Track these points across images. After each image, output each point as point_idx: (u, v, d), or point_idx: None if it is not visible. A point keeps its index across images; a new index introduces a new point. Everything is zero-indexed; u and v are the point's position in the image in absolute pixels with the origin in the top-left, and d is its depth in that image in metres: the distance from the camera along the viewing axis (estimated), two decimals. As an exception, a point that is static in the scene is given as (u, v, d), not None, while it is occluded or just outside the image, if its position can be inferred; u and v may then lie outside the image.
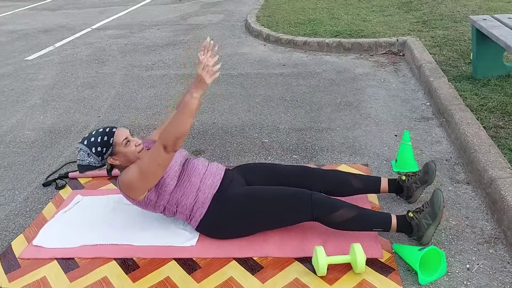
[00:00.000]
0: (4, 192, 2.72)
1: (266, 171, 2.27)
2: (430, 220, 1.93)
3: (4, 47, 6.45)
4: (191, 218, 2.10)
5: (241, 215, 2.04)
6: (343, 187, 2.23)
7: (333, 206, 1.98)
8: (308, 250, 2.00)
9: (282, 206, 2.01)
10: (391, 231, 1.99)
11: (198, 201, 2.07)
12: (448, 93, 3.28)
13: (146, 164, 1.95)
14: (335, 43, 5.04)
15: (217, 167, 2.20)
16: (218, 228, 2.09)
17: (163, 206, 2.10)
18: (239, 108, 3.75)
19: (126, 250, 2.09)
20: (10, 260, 2.10)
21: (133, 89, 4.37)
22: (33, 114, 3.92)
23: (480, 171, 2.34)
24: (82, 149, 2.08)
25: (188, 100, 1.88)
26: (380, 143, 2.98)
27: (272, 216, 2.03)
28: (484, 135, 2.63)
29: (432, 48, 4.42)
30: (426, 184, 2.23)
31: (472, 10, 5.65)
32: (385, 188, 2.27)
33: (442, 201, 1.93)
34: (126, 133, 2.10)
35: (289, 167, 2.29)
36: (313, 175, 2.24)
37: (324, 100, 3.78)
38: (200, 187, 2.08)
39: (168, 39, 6.23)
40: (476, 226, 2.11)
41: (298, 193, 2.03)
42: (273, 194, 2.04)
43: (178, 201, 2.08)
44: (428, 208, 1.96)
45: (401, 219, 1.99)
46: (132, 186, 2.00)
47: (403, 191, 2.27)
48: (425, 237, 1.95)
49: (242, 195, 2.07)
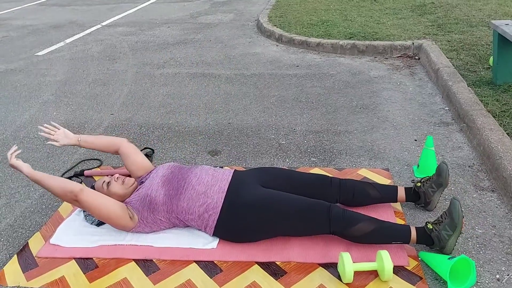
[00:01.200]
0: (19, 189, 2.68)
1: (283, 177, 2.23)
2: (450, 231, 1.89)
3: (15, 42, 6.42)
4: (205, 225, 2.07)
5: (257, 221, 2.00)
6: (359, 196, 2.20)
7: (351, 220, 1.94)
8: (332, 256, 1.96)
9: (298, 217, 1.97)
10: (410, 243, 1.95)
11: (208, 207, 2.05)
12: (468, 98, 3.23)
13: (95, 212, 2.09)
14: (349, 45, 4.99)
15: (223, 173, 2.18)
16: (234, 233, 2.05)
17: (165, 218, 2.09)
18: (253, 108, 3.71)
19: (146, 251, 2.05)
20: (28, 258, 2.06)
21: (145, 87, 4.33)
22: (46, 110, 3.89)
23: (506, 179, 2.29)
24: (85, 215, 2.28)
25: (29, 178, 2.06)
26: (399, 147, 2.94)
27: (288, 226, 2.00)
28: (508, 142, 2.58)
29: (448, 52, 4.37)
30: (442, 187, 2.19)
31: (488, 15, 5.60)
32: (402, 197, 2.23)
33: (461, 211, 1.89)
34: (104, 178, 2.26)
35: (307, 175, 2.25)
36: (330, 185, 2.21)
37: (340, 102, 3.74)
38: (207, 193, 2.07)
39: (179, 37, 6.20)
40: (504, 235, 2.06)
41: (315, 205, 1.99)
42: (289, 203, 2.00)
43: (185, 209, 2.06)
44: (447, 219, 1.92)
45: (420, 231, 1.95)
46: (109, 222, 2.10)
47: (420, 198, 2.23)
48: (448, 248, 1.90)
49: (256, 200, 2.02)
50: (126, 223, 2.08)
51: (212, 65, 4.90)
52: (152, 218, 2.10)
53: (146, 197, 2.09)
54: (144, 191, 2.11)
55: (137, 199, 2.11)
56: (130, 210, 2.10)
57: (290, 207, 1.99)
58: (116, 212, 2.05)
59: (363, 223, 1.93)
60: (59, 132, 2.40)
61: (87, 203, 2.01)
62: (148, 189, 2.11)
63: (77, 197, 2.00)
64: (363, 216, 1.97)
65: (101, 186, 2.22)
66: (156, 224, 2.12)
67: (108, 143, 2.45)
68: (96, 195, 2.03)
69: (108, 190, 2.20)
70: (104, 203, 2.03)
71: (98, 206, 2.02)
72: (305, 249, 2.01)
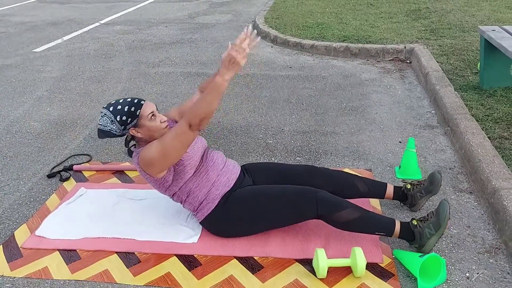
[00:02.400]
0: (9, 182, 2.73)
1: (271, 170, 2.27)
2: (433, 230, 1.93)
3: (13, 38, 6.48)
4: (199, 210, 2.09)
5: (247, 215, 2.04)
6: (348, 189, 2.22)
7: (338, 205, 1.98)
8: (309, 252, 2.01)
9: (287, 203, 2.01)
10: (393, 236, 1.99)
11: (209, 196, 2.07)
12: (454, 102, 3.28)
13: (169, 141, 1.93)
14: (342, 47, 5.05)
15: (233, 165, 2.20)
16: (223, 226, 2.09)
17: (174, 191, 2.09)
18: (244, 108, 3.76)
19: (128, 244, 2.10)
20: (13, 249, 2.11)
21: (139, 85, 4.39)
22: (39, 105, 3.95)
23: (483, 181, 2.35)
24: (106, 115, 2.03)
25: (218, 81, 1.86)
26: (384, 149, 2.99)
27: (277, 214, 2.03)
28: (488, 145, 2.63)
29: (439, 57, 4.42)
30: (430, 194, 2.23)
31: (481, 21, 5.65)
32: (390, 195, 2.27)
33: (448, 213, 1.93)
34: (153, 107, 2.06)
35: (295, 166, 2.29)
36: (319, 175, 2.23)
37: (330, 104, 3.79)
38: (215, 183, 2.08)
39: (175, 37, 6.26)
40: (478, 236, 2.11)
41: (303, 191, 2.03)
42: (278, 192, 2.05)
43: (191, 191, 2.07)
44: (433, 218, 1.96)
45: (404, 226, 1.99)
46: (152, 162, 1.96)
47: (407, 199, 2.27)
48: (427, 247, 1.95)
49: (248, 195, 2.07)
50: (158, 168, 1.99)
51: (206, 65, 4.95)
52: (169, 185, 2.06)
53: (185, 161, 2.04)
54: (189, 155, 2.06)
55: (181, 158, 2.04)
56: None
57: (279, 194, 2.03)
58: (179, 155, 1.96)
59: (349, 209, 1.97)
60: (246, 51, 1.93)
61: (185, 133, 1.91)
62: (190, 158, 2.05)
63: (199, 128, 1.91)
64: (350, 203, 2.00)
65: (146, 114, 2.02)
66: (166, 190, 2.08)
67: None
68: None
69: (149, 122, 2.02)
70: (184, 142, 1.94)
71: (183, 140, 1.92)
72: (283, 245, 2.07)
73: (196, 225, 2.21)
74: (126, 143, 2.15)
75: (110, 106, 2.05)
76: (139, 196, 2.49)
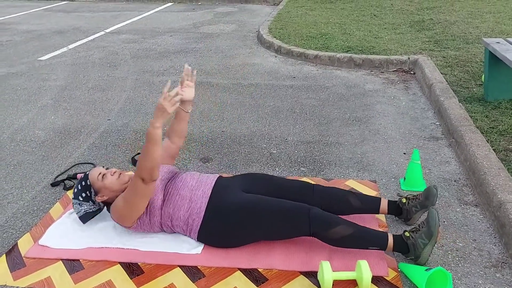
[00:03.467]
0: (12, 190, 2.73)
1: (265, 182, 2.27)
2: (426, 239, 1.92)
3: (19, 46, 6.53)
4: (190, 230, 2.11)
5: (238, 225, 2.04)
6: (341, 205, 2.22)
7: (330, 222, 1.98)
8: (313, 264, 1.99)
9: (279, 218, 2.01)
10: (387, 250, 1.98)
11: (192, 212, 2.09)
12: (458, 114, 3.28)
13: (129, 198, 2.04)
14: (346, 58, 5.06)
15: (207, 177, 2.22)
16: (217, 237, 2.08)
17: (158, 222, 2.13)
18: (248, 117, 3.77)
19: (131, 255, 2.09)
20: (16, 258, 2.10)
21: (143, 94, 4.40)
22: (44, 114, 3.96)
23: (489, 194, 2.33)
24: (74, 203, 2.24)
25: (150, 131, 1.95)
26: (388, 160, 2.98)
27: (268, 228, 2.03)
28: (494, 158, 2.62)
29: (443, 68, 4.43)
30: (426, 209, 2.21)
31: (485, 32, 5.67)
32: (384, 209, 2.26)
33: (438, 220, 1.93)
34: (100, 169, 2.21)
35: (289, 181, 2.29)
36: (312, 191, 2.24)
37: (333, 114, 3.79)
38: (191, 198, 2.11)
39: (180, 46, 6.29)
40: (484, 249, 2.09)
41: (296, 207, 2.03)
42: (271, 205, 2.04)
43: (171, 215, 2.11)
44: (424, 228, 1.96)
45: (397, 238, 1.98)
46: (122, 216, 2.10)
47: (402, 213, 2.26)
48: (422, 257, 1.93)
49: (238, 204, 2.06)
50: (133, 219, 2.09)
51: (210, 74, 4.97)
52: (148, 221, 2.13)
53: None
54: None
55: None
56: None
57: (271, 209, 2.03)
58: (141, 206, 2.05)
59: (341, 226, 1.96)
60: (190, 85, 2.28)
61: (140, 187, 1.98)
62: None
63: (150, 180, 1.97)
64: (342, 220, 2.00)
65: (96, 178, 2.18)
66: (150, 226, 2.15)
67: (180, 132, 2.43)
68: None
69: (103, 183, 2.16)
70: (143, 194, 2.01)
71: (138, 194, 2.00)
72: (287, 257, 2.05)
73: (200, 236, 2.20)
74: (107, 209, 2.25)
75: (72, 194, 2.26)
76: (143, 206, 2.48)
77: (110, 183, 2.17)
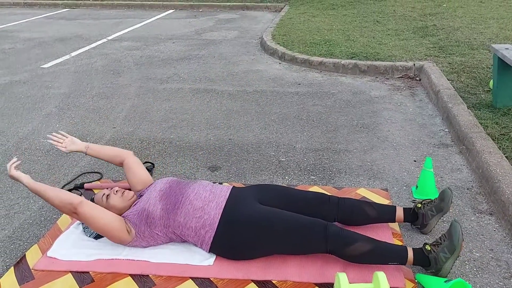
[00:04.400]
0: (19, 200, 2.69)
1: (281, 194, 2.23)
2: (448, 253, 1.89)
3: (21, 54, 6.51)
4: (201, 241, 2.07)
5: (253, 239, 2.00)
6: (358, 216, 2.20)
7: (347, 239, 1.94)
8: (329, 276, 1.95)
9: (294, 235, 1.97)
10: (407, 264, 1.94)
11: (205, 224, 2.05)
12: (468, 121, 3.25)
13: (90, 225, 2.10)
14: (351, 64, 5.05)
15: (221, 188, 2.19)
16: (230, 250, 2.04)
17: (162, 233, 2.10)
18: (254, 125, 3.74)
19: (142, 266, 2.05)
20: (24, 271, 2.06)
21: (148, 102, 4.38)
22: (48, 122, 3.93)
23: (504, 202, 2.30)
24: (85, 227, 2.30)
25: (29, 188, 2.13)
26: (399, 168, 2.95)
27: (283, 244, 1.99)
28: (507, 165, 2.59)
29: (449, 74, 4.41)
30: (441, 212, 2.18)
31: (489, 38, 5.66)
32: (401, 218, 2.23)
33: (461, 234, 1.89)
34: (104, 190, 2.27)
35: (305, 193, 2.25)
36: (329, 203, 2.21)
37: (340, 121, 3.76)
38: (204, 209, 2.07)
39: (183, 53, 6.27)
40: (501, 260, 2.06)
41: (312, 224, 1.98)
42: (286, 221, 2.00)
43: (182, 224, 2.07)
44: (446, 241, 1.92)
45: (418, 252, 1.94)
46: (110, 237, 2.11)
47: (418, 219, 2.22)
48: (443, 271, 1.89)
49: (252, 217, 2.02)
50: (123, 237, 2.09)
51: (215, 81, 4.95)
52: (149, 232, 2.10)
53: (144, 211, 2.10)
54: (142, 205, 2.12)
55: (135, 213, 2.12)
56: (128, 224, 2.11)
57: (286, 225, 1.99)
58: (114, 225, 2.06)
59: (360, 243, 1.93)
60: (67, 140, 2.51)
61: (86, 216, 2.02)
62: (146, 203, 2.12)
63: (76, 210, 2.02)
64: (360, 236, 1.96)
65: (100, 199, 2.24)
66: (153, 238, 2.12)
67: (114, 154, 2.49)
68: (94, 208, 2.04)
69: (107, 203, 2.21)
70: (102, 216, 2.04)
71: (97, 219, 2.03)
72: (302, 268, 2.01)
73: (211, 246, 2.15)
74: None
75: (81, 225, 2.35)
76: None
77: (114, 202, 2.21)
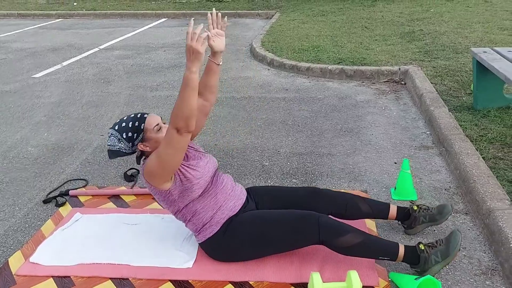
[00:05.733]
0: (4, 208, 2.73)
1: (273, 194, 2.25)
2: (440, 258, 1.91)
3: (13, 64, 6.56)
4: (201, 232, 2.07)
5: (248, 240, 2.02)
6: (351, 210, 2.20)
7: (340, 230, 1.95)
8: (305, 276, 2.00)
9: (288, 228, 1.99)
10: (397, 260, 1.96)
11: (214, 219, 2.04)
12: (448, 123, 3.31)
13: (163, 150, 1.88)
14: (337, 70, 5.12)
15: (241, 191, 2.17)
16: (223, 250, 2.06)
17: (178, 208, 2.05)
18: (241, 130, 3.79)
19: (122, 270, 2.09)
20: (6, 276, 2.09)
21: (137, 109, 4.43)
22: (37, 130, 3.97)
23: (478, 202, 2.35)
24: (112, 134, 2.03)
25: (187, 76, 1.78)
26: (379, 170, 3.00)
27: (279, 239, 2.01)
28: (483, 166, 2.65)
29: (433, 78, 4.48)
30: (433, 223, 2.20)
31: (474, 42, 5.75)
32: (393, 215, 2.25)
33: (460, 244, 1.91)
34: (158, 119, 2.04)
35: (296, 189, 2.27)
36: (321, 197, 2.21)
37: (325, 126, 3.82)
38: (221, 207, 2.06)
39: (173, 61, 6.34)
40: (473, 257, 2.10)
41: (304, 215, 2.00)
42: (279, 216, 2.02)
43: (196, 212, 2.04)
44: (442, 246, 1.93)
45: (410, 249, 1.96)
46: (152, 174, 1.93)
47: (408, 219, 2.25)
48: (429, 272, 1.92)
49: (249, 220, 2.04)
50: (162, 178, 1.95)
51: (203, 88, 5.00)
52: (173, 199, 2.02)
53: (190, 186, 1.99)
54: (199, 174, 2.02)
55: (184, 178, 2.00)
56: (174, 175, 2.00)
57: (280, 219, 2.00)
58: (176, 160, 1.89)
59: (352, 234, 1.94)
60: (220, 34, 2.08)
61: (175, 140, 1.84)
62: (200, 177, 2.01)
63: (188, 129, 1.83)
64: (353, 228, 1.97)
65: (152, 127, 2.01)
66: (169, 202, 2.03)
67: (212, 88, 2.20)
68: None
69: (156, 135, 2.00)
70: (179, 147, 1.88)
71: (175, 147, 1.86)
72: (278, 269, 2.05)
73: (192, 249, 2.20)
74: (138, 159, 2.12)
75: (116, 125, 2.05)
76: (135, 221, 2.49)
77: (161, 138, 1.99)
